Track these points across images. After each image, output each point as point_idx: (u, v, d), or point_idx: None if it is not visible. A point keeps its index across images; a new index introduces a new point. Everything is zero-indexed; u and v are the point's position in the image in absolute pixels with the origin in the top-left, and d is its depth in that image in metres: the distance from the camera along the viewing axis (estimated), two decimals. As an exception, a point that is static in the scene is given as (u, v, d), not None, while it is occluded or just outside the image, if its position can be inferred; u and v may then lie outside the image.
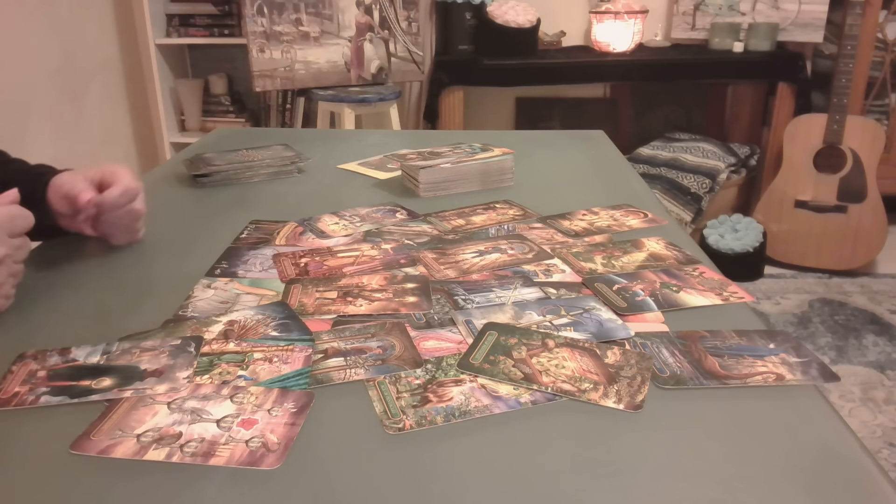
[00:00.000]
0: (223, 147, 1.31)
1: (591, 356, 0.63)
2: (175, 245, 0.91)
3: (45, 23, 2.48)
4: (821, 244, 2.74)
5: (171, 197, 1.10)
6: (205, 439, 0.52)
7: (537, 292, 0.75)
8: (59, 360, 0.63)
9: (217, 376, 0.60)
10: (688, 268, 0.81)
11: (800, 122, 2.75)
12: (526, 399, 0.57)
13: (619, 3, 2.89)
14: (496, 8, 2.83)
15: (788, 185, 2.76)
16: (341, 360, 0.62)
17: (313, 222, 0.97)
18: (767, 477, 0.49)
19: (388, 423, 0.54)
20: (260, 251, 0.87)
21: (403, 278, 0.79)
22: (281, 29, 2.61)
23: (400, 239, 0.90)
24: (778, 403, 0.57)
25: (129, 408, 0.56)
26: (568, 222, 0.96)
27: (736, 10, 2.97)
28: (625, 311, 0.71)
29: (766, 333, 0.67)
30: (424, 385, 0.59)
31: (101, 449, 0.52)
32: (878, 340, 2.28)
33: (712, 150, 2.90)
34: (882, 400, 1.98)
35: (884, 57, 2.85)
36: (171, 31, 2.95)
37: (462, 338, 0.66)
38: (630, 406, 0.56)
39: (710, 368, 0.61)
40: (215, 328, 0.68)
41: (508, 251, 0.86)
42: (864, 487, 0.48)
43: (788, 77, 2.86)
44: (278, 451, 0.51)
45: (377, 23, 2.74)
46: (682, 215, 2.73)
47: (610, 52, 2.93)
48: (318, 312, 0.71)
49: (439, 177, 1.09)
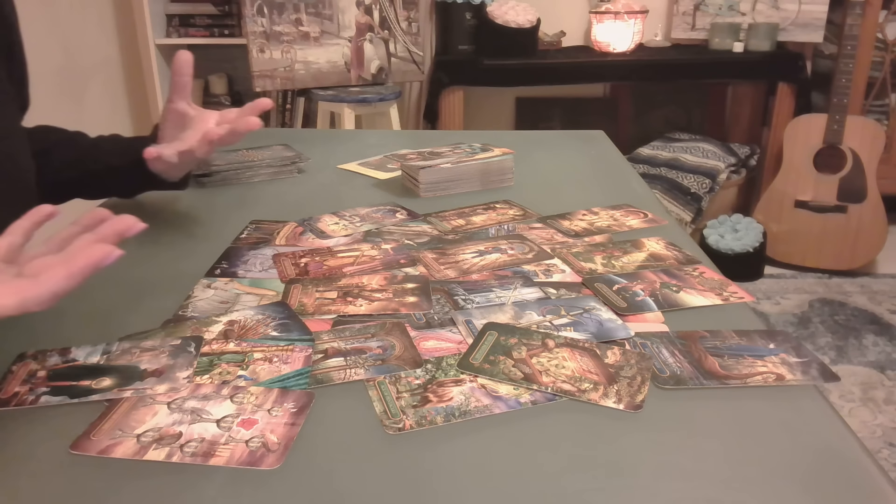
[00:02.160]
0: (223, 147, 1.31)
1: (591, 356, 0.63)
2: (175, 245, 0.91)
3: (45, 23, 2.48)
4: (821, 244, 2.74)
5: (172, 197, 1.10)
6: (205, 439, 0.52)
7: (537, 292, 0.75)
8: (59, 360, 0.63)
9: (217, 376, 0.60)
10: (688, 268, 0.81)
11: (800, 122, 2.75)
12: (526, 399, 0.57)
13: (619, 3, 2.90)
14: (496, 8, 2.83)
15: (788, 185, 2.76)
16: (341, 360, 0.62)
17: (313, 222, 0.97)
18: (767, 477, 0.49)
19: (388, 423, 0.54)
20: (260, 251, 0.87)
21: (403, 278, 0.79)
22: (281, 29, 2.61)
23: (400, 239, 0.90)
24: (778, 403, 0.57)
25: (129, 408, 0.56)
26: (568, 222, 0.96)
27: (736, 10, 2.97)
28: (625, 311, 0.71)
29: (766, 333, 0.67)
30: (424, 385, 0.59)
31: (101, 449, 0.52)
32: (878, 340, 2.28)
33: (712, 150, 2.90)
34: (882, 400, 1.98)
35: (884, 57, 2.85)
36: (171, 31, 2.95)
37: (462, 338, 0.66)
38: (630, 406, 0.56)
39: (710, 368, 0.61)
40: (215, 328, 0.68)
41: (508, 251, 0.86)
42: (864, 487, 0.48)
43: (788, 77, 2.86)
44: (278, 451, 0.51)
45: (377, 23, 2.74)
46: (682, 215, 2.73)
47: (610, 52, 2.93)
48: (318, 312, 0.71)
49: (439, 177, 1.09)
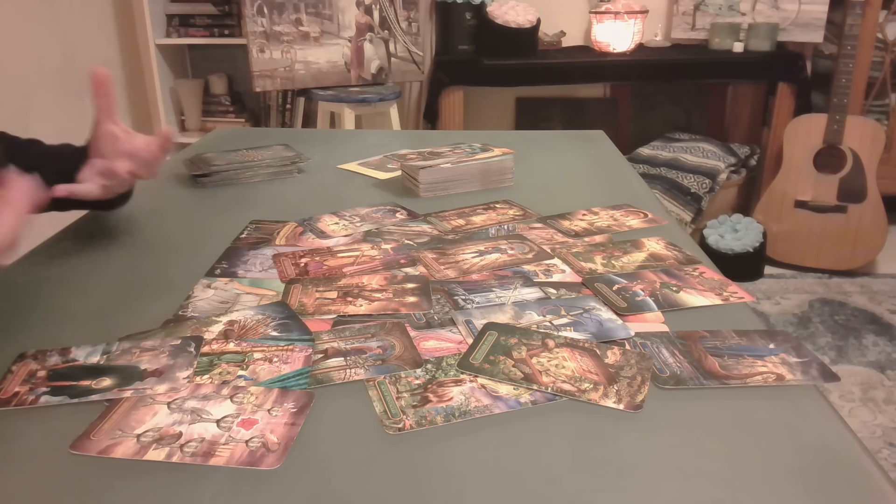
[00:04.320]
0: (223, 147, 1.31)
1: (591, 356, 0.63)
2: (175, 245, 0.91)
3: (45, 23, 2.48)
4: (821, 244, 2.73)
5: (171, 197, 1.10)
6: (205, 439, 0.52)
7: (537, 292, 0.75)
8: (59, 360, 0.63)
9: (217, 376, 0.60)
10: (688, 268, 0.81)
11: (800, 122, 2.74)
12: (526, 399, 0.57)
13: (619, 3, 2.89)
14: (496, 8, 2.83)
15: (788, 185, 2.76)
16: (341, 360, 0.62)
17: (313, 222, 0.97)
18: (767, 477, 0.49)
19: (388, 423, 0.54)
20: (260, 251, 0.87)
21: (403, 278, 0.79)
22: (281, 29, 2.61)
23: (400, 239, 0.90)
24: (778, 403, 0.57)
25: (129, 408, 0.56)
26: (568, 222, 0.96)
27: (736, 10, 2.97)
28: (625, 311, 0.71)
29: (766, 333, 0.67)
30: (424, 385, 0.59)
31: (101, 449, 0.52)
32: (878, 340, 2.28)
33: (712, 150, 2.90)
34: (882, 400, 1.98)
35: (884, 57, 2.85)
36: (171, 32, 2.95)
37: (462, 338, 0.66)
38: (630, 406, 0.56)
39: (710, 368, 0.61)
40: (215, 328, 0.68)
41: (508, 251, 0.86)
42: (864, 487, 0.48)
43: (788, 77, 2.86)
44: (278, 451, 0.51)
45: (377, 23, 2.74)
46: (682, 215, 2.73)
47: (610, 52, 2.93)
48: (318, 312, 0.71)
49: (439, 177, 1.09)
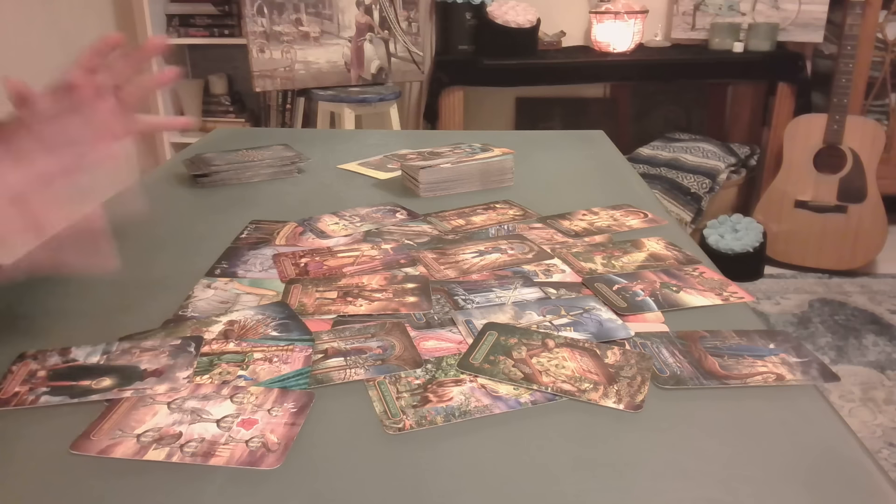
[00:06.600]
0: (223, 147, 1.31)
1: (591, 356, 0.63)
2: (175, 245, 0.91)
3: (45, 23, 2.48)
4: (821, 244, 2.73)
5: (171, 197, 1.10)
6: (205, 439, 0.52)
7: (537, 292, 0.75)
8: (59, 360, 0.63)
9: (217, 376, 0.60)
10: (688, 268, 0.81)
11: (800, 122, 2.74)
12: (526, 399, 0.57)
13: (619, 3, 2.89)
14: (496, 8, 2.83)
15: (788, 185, 2.76)
16: (341, 360, 0.62)
17: (313, 222, 0.97)
18: (767, 477, 0.49)
19: (388, 423, 0.54)
20: (260, 251, 0.87)
21: (403, 278, 0.79)
22: (281, 29, 2.61)
23: (400, 239, 0.90)
24: (778, 403, 0.57)
25: (129, 408, 0.56)
26: (568, 222, 0.96)
27: (736, 10, 2.97)
28: (625, 311, 0.71)
29: (766, 333, 0.67)
30: (424, 385, 0.59)
31: (101, 449, 0.52)
32: (878, 340, 2.28)
33: (712, 150, 2.90)
34: (882, 400, 1.98)
35: (884, 57, 2.85)
36: (170, 32, 2.95)
37: (462, 338, 0.66)
38: (630, 406, 0.56)
39: (710, 368, 0.61)
40: (215, 328, 0.68)
41: (508, 251, 0.86)
42: (864, 487, 0.48)
43: (788, 77, 2.86)
44: (278, 451, 0.51)
45: (377, 23, 2.74)
46: (682, 215, 2.73)
47: (610, 52, 2.93)
48: (318, 312, 0.71)
49: (439, 177, 1.09)
